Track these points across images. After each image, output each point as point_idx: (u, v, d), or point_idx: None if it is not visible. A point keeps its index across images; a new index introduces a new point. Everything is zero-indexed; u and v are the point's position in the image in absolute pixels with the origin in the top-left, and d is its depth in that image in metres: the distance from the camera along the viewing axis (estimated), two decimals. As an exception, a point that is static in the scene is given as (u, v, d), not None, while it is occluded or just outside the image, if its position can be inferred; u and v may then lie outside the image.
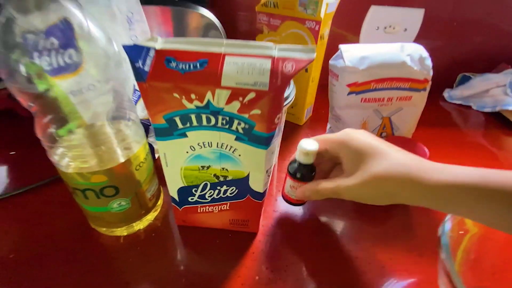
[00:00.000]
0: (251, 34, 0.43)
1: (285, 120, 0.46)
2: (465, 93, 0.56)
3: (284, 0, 0.36)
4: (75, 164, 0.22)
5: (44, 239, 0.28)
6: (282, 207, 0.32)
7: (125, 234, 0.28)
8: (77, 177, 0.22)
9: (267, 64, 0.19)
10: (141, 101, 0.34)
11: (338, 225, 0.31)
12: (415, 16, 0.53)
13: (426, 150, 0.33)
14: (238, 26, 0.55)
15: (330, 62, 0.33)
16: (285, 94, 0.30)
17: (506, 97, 0.51)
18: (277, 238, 0.29)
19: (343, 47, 0.32)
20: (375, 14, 0.52)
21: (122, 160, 0.23)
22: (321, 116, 0.49)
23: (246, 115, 0.20)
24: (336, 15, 0.39)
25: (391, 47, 0.30)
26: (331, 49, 0.38)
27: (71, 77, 0.20)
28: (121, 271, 0.25)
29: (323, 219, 0.31)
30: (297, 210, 0.32)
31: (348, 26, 0.54)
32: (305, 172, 0.28)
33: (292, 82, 0.33)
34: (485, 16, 0.55)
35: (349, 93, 0.32)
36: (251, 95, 0.19)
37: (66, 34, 0.19)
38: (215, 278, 0.25)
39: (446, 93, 0.58)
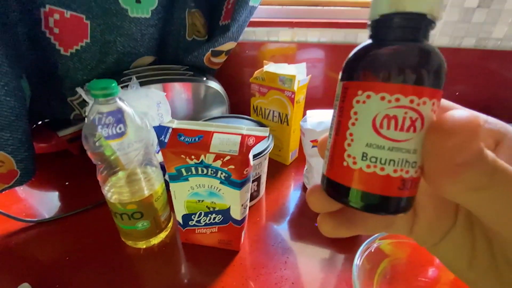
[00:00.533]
0: (247, 96, 0.56)
1: (275, 160, 0.58)
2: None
3: (269, 77, 0.49)
4: (117, 196, 0.34)
5: (90, 246, 0.39)
6: (262, 234, 0.42)
7: (144, 247, 0.39)
8: (118, 205, 0.34)
9: (238, 139, 0.30)
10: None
11: (308, 249, 0.39)
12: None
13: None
14: (238, 90, 0.69)
15: (300, 123, 0.44)
16: (264, 146, 0.42)
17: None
18: (254, 256, 0.38)
19: (309, 112, 0.43)
20: None
21: (147, 194, 0.35)
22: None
23: (225, 169, 0.31)
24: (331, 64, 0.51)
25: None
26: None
27: (119, 140, 0.33)
28: (140, 274, 0.36)
29: (296, 244, 0.40)
30: (273, 235, 0.42)
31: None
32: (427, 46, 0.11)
33: (271, 136, 0.44)
34: (468, 65, 0.64)
35: (312, 146, 0.43)
36: (228, 157, 0.30)
37: (118, 116, 0.32)
38: (205, 282, 0.35)
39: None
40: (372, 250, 0.31)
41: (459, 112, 0.11)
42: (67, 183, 0.52)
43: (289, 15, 0.64)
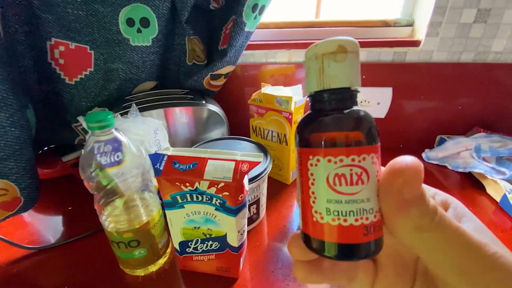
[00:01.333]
0: (248, 116, 0.56)
1: (275, 180, 0.57)
2: (439, 155, 0.63)
3: (266, 98, 0.50)
4: (113, 225, 0.34)
5: (89, 274, 0.39)
6: (262, 259, 0.41)
7: (142, 274, 0.38)
8: (115, 233, 0.34)
9: (232, 165, 0.30)
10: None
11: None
12: (385, 93, 0.65)
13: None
14: (239, 110, 0.70)
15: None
16: (261, 169, 0.41)
17: (473, 160, 0.58)
18: (253, 283, 0.37)
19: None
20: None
21: (145, 220, 0.35)
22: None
23: (220, 195, 0.31)
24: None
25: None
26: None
27: (117, 168, 0.33)
28: (137, 302, 0.35)
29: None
30: (274, 260, 0.41)
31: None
32: (356, 116, 0.13)
33: (269, 156, 0.44)
34: (469, 79, 0.63)
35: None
36: (222, 184, 0.30)
37: (115, 145, 0.33)
38: (202, 311, 0.34)
39: (424, 154, 0.66)
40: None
41: (407, 157, 0.13)
42: (70, 208, 0.53)
43: (286, 37, 0.65)
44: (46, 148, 0.60)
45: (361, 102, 0.66)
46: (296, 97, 0.47)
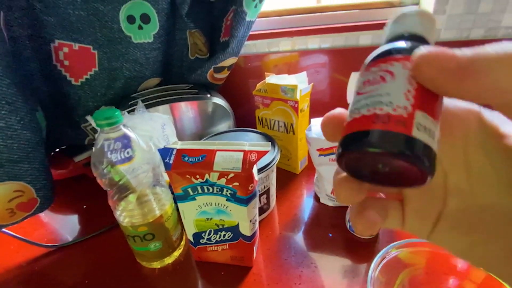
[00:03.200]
0: (253, 107, 0.56)
1: (284, 170, 0.57)
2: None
3: (271, 88, 0.49)
4: (129, 219, 0.35)
5: (107, 269, 0.40)
6: (275, 247, 0.41)
7: (159, 266, 0.39)
8: (129, 228, 0.35)
9: (240, 155, 0.31)
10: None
11: (322, 260, 0.38)
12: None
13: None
14: (245, 102, 0.70)
15: (306, 132, 0.44)
16: (270, 159, 0.41)
17: None
18: (267, 271, 0.38)
19: (313, 121, 0.43)
20: (355, 79, 0.63)
21: (158, 214, 0.36)
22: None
23: (230, 186, 0.31)
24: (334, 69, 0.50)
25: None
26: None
27: (128, 164, 0.34)
28: (156, 294, 0.36)
29: (310, 256, 0.39)
30: (287, 248, 0.41)
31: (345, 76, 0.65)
32: None
33: (276, 146, 0.44)
34: None
35: (319, 155, 0.42)
36: (231, 175, 0.30)
37: (125, 141, 0.33)
38: (219, 300, 0.34)
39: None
40: (389, 260, 0.30)
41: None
42: (84, 206, 0.54)
43: (288, 25, 0.64)
44: (57, 149, 0.61)
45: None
46: (301, 85, 0.47)
